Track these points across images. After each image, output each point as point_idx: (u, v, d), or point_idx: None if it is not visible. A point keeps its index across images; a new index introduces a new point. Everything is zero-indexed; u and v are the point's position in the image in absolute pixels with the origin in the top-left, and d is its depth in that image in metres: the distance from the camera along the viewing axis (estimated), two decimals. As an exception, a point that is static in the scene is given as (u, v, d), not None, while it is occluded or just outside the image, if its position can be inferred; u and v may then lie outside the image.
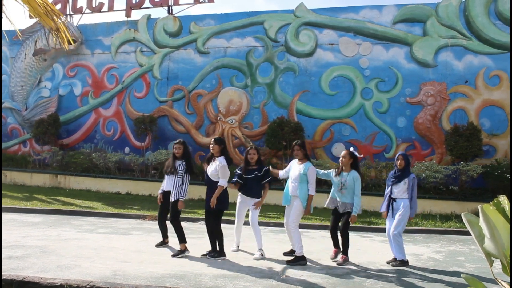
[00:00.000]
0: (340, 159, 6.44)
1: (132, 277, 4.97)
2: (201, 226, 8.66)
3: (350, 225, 6.36)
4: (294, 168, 6.38)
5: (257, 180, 6.56)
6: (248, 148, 6.89)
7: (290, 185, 6.36)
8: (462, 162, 11.44)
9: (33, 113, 16.49)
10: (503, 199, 2.00)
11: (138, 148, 14.97)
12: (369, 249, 7.25)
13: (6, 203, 10.46)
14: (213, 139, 6.47)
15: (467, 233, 8.10)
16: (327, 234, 8.61)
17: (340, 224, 6.42)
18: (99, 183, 13.85)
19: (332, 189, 6.59)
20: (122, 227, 8.42)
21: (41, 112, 16.27)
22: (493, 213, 1.92)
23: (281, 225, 9.29)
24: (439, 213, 10.90)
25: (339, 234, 6.45)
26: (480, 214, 1.97)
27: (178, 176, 6.47)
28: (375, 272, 5.68)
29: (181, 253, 6.24)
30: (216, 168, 6.20)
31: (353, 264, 6.12)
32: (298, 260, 6.04)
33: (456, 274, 5.68)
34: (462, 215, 2.19)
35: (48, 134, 15.35)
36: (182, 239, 6.35)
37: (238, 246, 6.87)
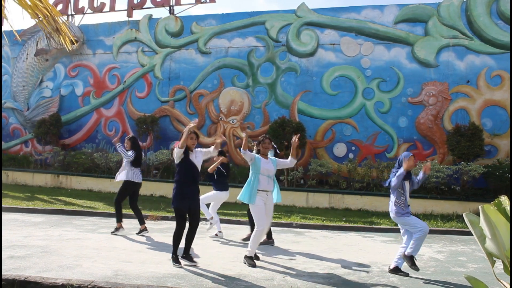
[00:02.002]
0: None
1: (134, 277, 4.98)
2: (203, 226, 8.66)
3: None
4: (266, 163, 6.06)
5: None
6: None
7: (263, 180, 5.95)
8: (463, 162, 11.43)
9: (34, 113, 16.52)
10: (504, 199, 2.00)
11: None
12: (370, 249, 7.24)
13: (8, 203, 10.48)
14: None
15: (468, 233, 8.08)
16: (329, 234, 8.64)
17: None
18: (100, 183, 13.87)
19: None
20: (124, 227, 8.41)
21: (43, 112, 16.30)
22: (494, 213, 1.92)
23: (282, 225, 9.32)
24: (441, 213, 10.89)
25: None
26: (481, 215, 1.97)
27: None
28: (377, 272, 5.67)
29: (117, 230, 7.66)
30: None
31: (355, 264, 6.11)
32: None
33: (457, 274, 5.67)
34: (463, 215, 2.19)
35: (50, 134, 15.39)
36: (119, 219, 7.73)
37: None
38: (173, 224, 8.95)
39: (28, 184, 14.57)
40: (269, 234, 7.17)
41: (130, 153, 7.83)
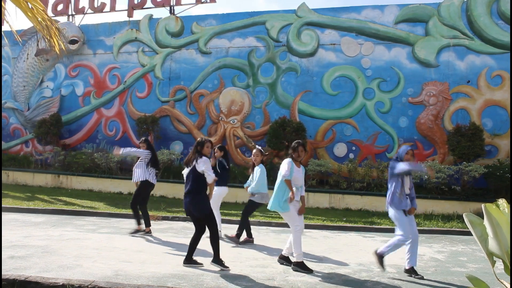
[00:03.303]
0: (254, 158, 7.39)
1: (134, 277, 4.98)
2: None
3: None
4: (298, 171, 5.98)
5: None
6: (216, 147, 7.95)
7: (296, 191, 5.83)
8: (464, 162, 11.42)
9: (35, 113, 16.53)
10: (502, 202, 2.00)
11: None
12: (371, 250, 7.21)
13: (8, 203, 10.49)
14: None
15: (469, 233, 8.06)
16: (329, 234, 8.65)
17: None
18: (101, 183, 13.87)
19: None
20: (124, 227, 8.43)
21: (43, 112, 16.30)
22: (496, 212, 1.92)
23: (282, 225, 9.30)
24: (441, 213, 10.88)
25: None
26: (484, 213, 1.97)
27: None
28: (377, 272, 5.67)
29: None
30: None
31: (355, 264, 6.11)
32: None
33: (458, 274, 5.67)
34: (463, 216, 2.19)
35: (50, 134, 15.39)
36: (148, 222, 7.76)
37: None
38: (173, 224, 8.98)
39: (29, 184, 14.57)
40: (250, 233, 7.34)
41: (146, 152, 7.84)
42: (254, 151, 7.49)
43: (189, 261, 5.64)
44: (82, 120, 16.14)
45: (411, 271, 5.48)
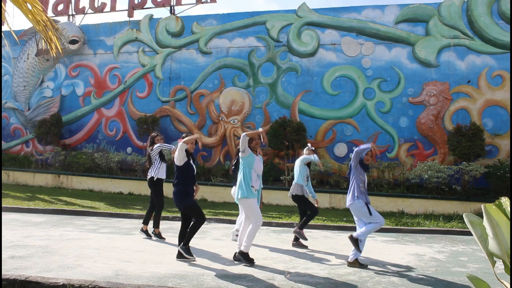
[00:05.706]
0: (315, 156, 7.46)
1: (135, 277, 4.98)
2: (204, 226, 8.66)
3: None
4: (258, 160, 6.02)
5: None
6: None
7: (254, 176, 5.91)
8: (464, 162, 11.41)
9: (35, 113, 16.54)
10: (505, 201, 1.99)
11: (140, 148, 15.00)
12: (371, 249, 7.23)
13: (8, 203, 10.49)
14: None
15: (469, 233, 8.06)
16: (329, 234, 8.65)
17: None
18: (101, 183, 13.88)
19: (300, 178, 7.32)
20: (124, 227, 8.44)
21: (44, 112, 16.31)
22: (496, 212, 1.92)
23: (283, 225, 9.32)
24: (442, 213, 10.88)
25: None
26: (484, 214, 1.96)
27: None
28: (377, 272, 5.67)
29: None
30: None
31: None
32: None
33: (458, 274, 5.67)
34: (463, 216, 2.19)
35: (51, 134, 15.40)
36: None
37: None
38: (173, 224, 8.97)
39: (29, 184, 14.59)
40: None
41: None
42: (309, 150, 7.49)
43: (187, 248, 5.94)
44: (83, 120, 16.15)
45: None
